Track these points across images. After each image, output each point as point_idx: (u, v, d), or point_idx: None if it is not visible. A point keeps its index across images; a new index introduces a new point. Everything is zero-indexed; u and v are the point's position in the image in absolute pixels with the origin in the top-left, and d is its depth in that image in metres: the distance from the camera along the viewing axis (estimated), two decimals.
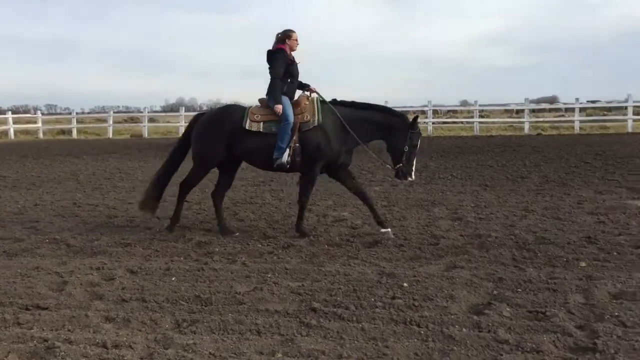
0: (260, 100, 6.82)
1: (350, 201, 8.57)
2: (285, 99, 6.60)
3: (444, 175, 11.85)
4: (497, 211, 7.82)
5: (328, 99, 6.80)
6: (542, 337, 3.54)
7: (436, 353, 3.42)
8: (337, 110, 6.60)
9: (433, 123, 27.66)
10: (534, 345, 3.43)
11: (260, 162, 6.81)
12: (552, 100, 56.14)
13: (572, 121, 26.26)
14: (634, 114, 25.31)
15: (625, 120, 25.05)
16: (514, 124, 28.04)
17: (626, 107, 25.31)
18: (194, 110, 60.01)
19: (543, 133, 25.25)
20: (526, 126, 25.64)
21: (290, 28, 6.77)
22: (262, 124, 6.59)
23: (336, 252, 5.84)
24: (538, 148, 17.61)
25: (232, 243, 6.26)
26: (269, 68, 6.70)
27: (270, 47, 6.72)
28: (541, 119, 29.33)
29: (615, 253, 5.54)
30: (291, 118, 6.48)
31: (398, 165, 6.56)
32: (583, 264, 5.21)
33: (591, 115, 29.72)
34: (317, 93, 6.78)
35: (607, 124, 27.05)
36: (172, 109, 59.15)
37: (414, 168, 6.57)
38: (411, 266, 5.28)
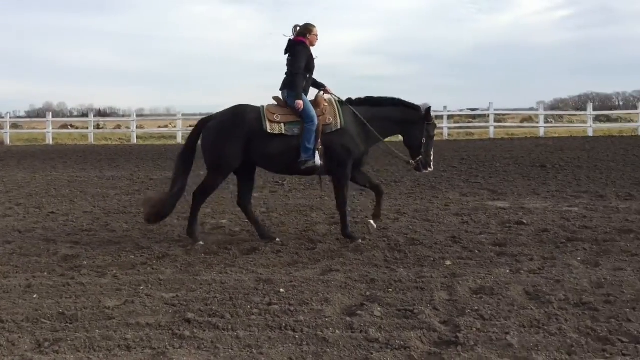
0: (276, 99, 6.52)
1: (229, 208, 8.48)
2: (304, 97, 6.35)
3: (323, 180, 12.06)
4: (371, 215, 8.08)
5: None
6: (409, 334, 3.70)
7: (310, 356, 3.47)
8: (356, 110, 6.46)
9: None
10: (402, 342, 3.58)
11: (281, 166, 6.55)
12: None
13: (441, 128, 27.86)
14: (495, 121, 27.37)
15: (488, 127, 27.02)
16: None
17: (488, 115, 27.31)
18: (63, 116, 56.91)
19: None
20: None
21: (311, 22, 6.51)
22: (283, 125, 6.28)
23: (213, 260, 5.75)
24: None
25: (103, 255, 5.96)
26: (290, 60, 6.41)
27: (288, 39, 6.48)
28: None
29: (476, 251, 5.93)
30: (316, 118, 6.24)
31: (418, 158, 6.60)
32: (448, 262, 5.53)
33: (458, 123, 31.71)
34: (333, 94, 6.60)
35: (472, 130, 28.99)
36: (38, 114, 55.32)
37: (432, 159, 6.64)
38: (288, 271, 5.32)
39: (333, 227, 7.26)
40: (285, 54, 6.52)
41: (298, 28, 6.50)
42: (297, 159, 6.27)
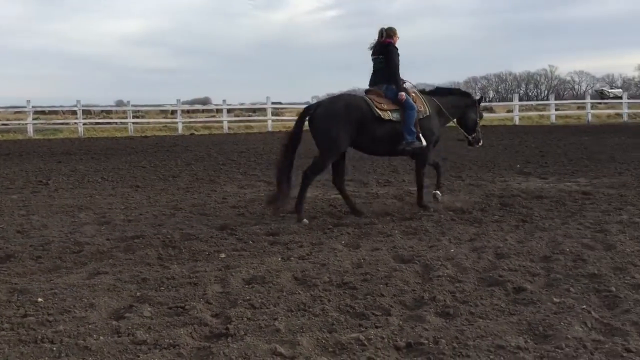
0: (371, 91, 7.49)
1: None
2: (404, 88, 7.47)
3: (94, 178, 11.33)
4: (146, 212, 7.81)
5: None
6: (179, 331, 3.63)
7: None
8: (435, 99, 7.77)
9: (84, 124, 26.30)
10: (171, 341, 3.49)
11: (386, 148, 7.52)
12: (205, 101, 58.97)
13: (222, 121, 28.02)
14: (272, 114, 28.33)
15: (266, 121, 27.86)
16: (169, 125, 28.55)
17: (266, 109, 28.16)
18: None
19: (196, 133, 26.33)
20: (180, 126, 26.38)
21: (393, 26, 7.50)
22: (389, 112, 7.23)
23: None
24: (190, 147, 18.27)
25: None
26: (389, 61, 7.36)
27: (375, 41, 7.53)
28: (194, 120, 30.48)
29: (251, 242, 6.06)
30: (415, 106, 7.33)
31: (473, 135, 8.22)
32: (223, 255, 5.57)
33: (238, 116, 32.18)
34: (414, 85, 7.78)
35: (252, 124, 29.66)
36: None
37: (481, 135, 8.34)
38: (49, 278, 4.87)
39: (103, 227, 6.84)
40: (377, 54, 7.49)
41: (384, 32, 7.46)
42: (400, 141, 7.25)
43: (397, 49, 7.48)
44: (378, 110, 7.19)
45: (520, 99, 52.69)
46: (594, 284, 4.43)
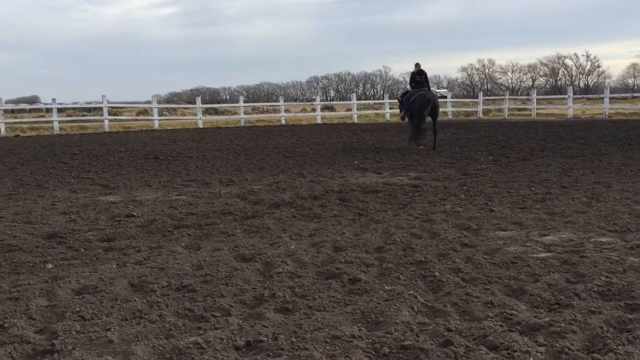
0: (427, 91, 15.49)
1: None
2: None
3: None
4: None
5: None
6: None
7: None
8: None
9: None
10: None
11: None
12: (33, 100, 54.44)
13: (52, 122, 26.02)
14: (110, 114, 26.89)
15: (103, 121, 26.36)
16: None
17: (103, 108, 26.65)
18: None
19: (22, 134, 24.19)
20: (2, 127, 24.10)
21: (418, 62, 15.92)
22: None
23: None
24: (15, 150, 16.75)
25: None
26: (425, 79, 15.84)
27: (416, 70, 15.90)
28: (19, 120, 27.97)
29: (83, 249, 5.69)
30: None
31: None
32: (50, 265, 5.16)
33: (71, 116, 30.10)
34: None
35: (87, 124, 27.90)
36: None
37: None
38: None
39: None
40: (419, 75, 15.75)
41: (419, 65, 15.77)
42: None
43: (414, 74, 15.88)
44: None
45: (359, 98, 55.28)
46: (420, 270, 4.76)
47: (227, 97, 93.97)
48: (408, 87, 16.65)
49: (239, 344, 3.40)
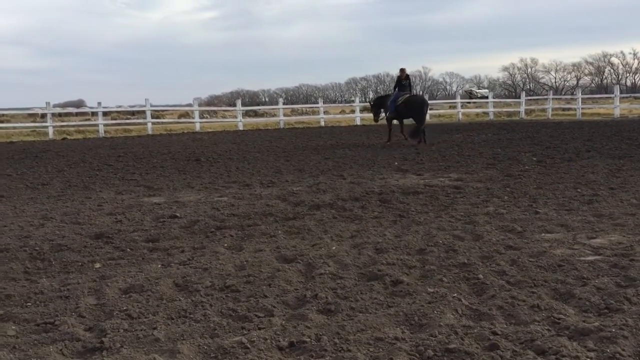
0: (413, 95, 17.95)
1: None
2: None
3: None
4: (12, 223, 7.24)
5: None
6: (49, 349, 3.40)
7: None
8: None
9: None
10: (39, 359, 3.26)
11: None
12: (79, 104, 56.03)
13: (97, 125, 26.68)
14: (152, 117, 27.43)
15: (146, 124, 26.90)
16: (38, 129, 26.74)
17: (146, 111, 27.19)
18: None
19: (69, 137, 24.88)
20: (50, 131, 24.81)
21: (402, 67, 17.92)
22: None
23: None
24: (62, 153, 17.24)
25: None
26: (410, 84, 17.73)
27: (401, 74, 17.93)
28: (67, 123, 28.77)
29: (129, 250, 5.81)
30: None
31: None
32: (98, 265, 5.29)
33: (116, 119, 30.82)
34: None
35: (130, 127, 28.51)
36: None
37: None
38: None
39: None
40: (405, 79, 17.43)
41: (405, 70, 17.65)
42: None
43: (400, 78, 17.66)
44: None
45: None
46: (464, 272, 4.70)
47: (267, 100, 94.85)
48: (397, 89, 18.17)
49: (282, 345, 3.42)
